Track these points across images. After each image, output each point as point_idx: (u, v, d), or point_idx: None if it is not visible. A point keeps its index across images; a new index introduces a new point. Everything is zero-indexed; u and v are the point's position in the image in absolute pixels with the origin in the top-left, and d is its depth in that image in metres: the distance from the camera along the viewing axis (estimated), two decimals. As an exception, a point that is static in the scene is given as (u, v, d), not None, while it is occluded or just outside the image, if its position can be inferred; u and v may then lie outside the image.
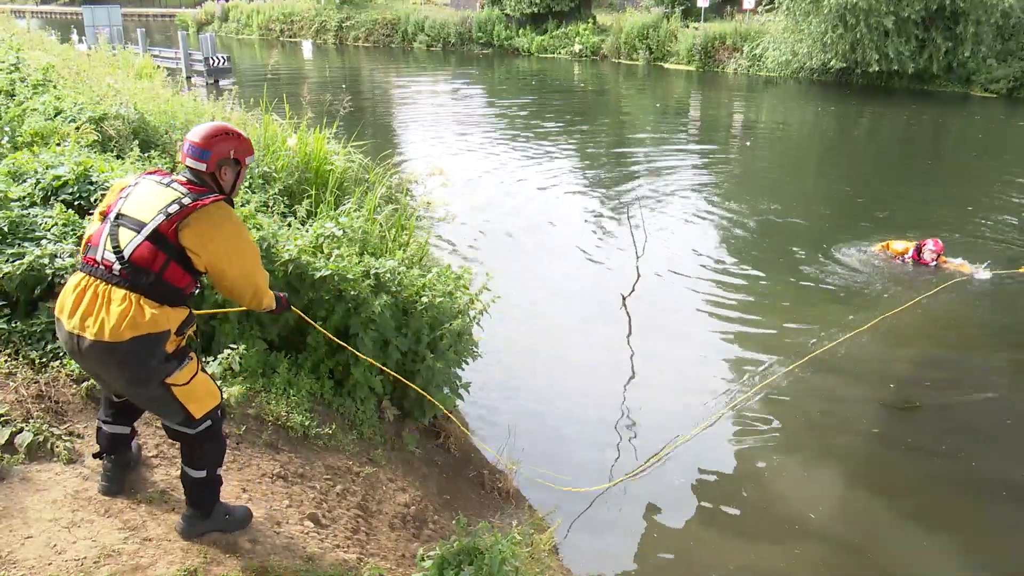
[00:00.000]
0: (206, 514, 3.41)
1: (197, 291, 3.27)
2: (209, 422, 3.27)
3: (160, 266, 2.98)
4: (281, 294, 3.69)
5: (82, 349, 2.98)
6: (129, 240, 3.00)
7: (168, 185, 3.10)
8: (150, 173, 3.22)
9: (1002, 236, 11.85)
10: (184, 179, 3.17)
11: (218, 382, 4.30)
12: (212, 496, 3.43)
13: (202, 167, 3.18)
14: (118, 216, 3.07)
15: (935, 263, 10.10)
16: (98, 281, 2.99)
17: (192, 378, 3.15)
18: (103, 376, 3.13)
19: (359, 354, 4.79)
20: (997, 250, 11.07)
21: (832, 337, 8.28)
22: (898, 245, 10.45)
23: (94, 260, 3.04)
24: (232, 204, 3.26)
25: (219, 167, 3.22)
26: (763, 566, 5.27)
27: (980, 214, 12.91)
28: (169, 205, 3.02)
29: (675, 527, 5.61)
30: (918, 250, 10.16)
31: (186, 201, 3.02)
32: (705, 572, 5.24)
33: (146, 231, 2.99)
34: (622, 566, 5.26)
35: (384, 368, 4.92)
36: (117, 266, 2.98)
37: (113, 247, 3.01)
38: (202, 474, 3.33)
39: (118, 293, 2.96)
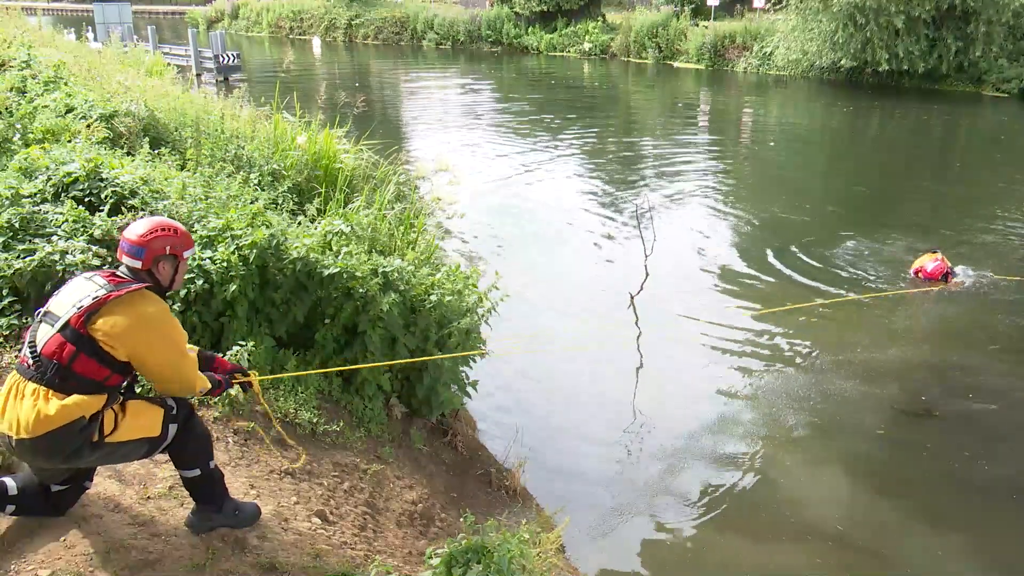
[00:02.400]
0: (216, 509, 3.42)
1: (125, 383, 3.16)
2: (174, 426, 3.22)
3: (68, 358, 2.95)
4: (220, 376, 3.54)
5: (13, 447, 2.99)
6: (45, 335, 3.00)
7: (90, 279, 3.10)
8: (87, 271, 3.20)
9: None
10: (109, 272, 3.15)
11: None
12: (217, 491, 3.42)
13: (137, 264, 3.15)
14: (44, 315, 3.08)
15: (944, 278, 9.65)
16: (19, 378, 3.00)
17: (116, 420, 3.07)
18: (42, 466, 3.12)
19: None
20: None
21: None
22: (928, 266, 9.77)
23: (22, 359, 3.05)
24: (165, 297, 3.23)
25: (155, 263, 3.19)
26: (773, 566, 5.25)
27: (1007, 216, 12.81)
28: (83, 298, 3.00)
29: (684, 527, 5.60)
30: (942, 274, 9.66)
31: (100, 293, 2.99)
32: (714, 572, 5.23)
33: (58, 324, 2.98)
34: (630, 566, 5.25)
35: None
36: (31, 360, 2.99)
37: (30, 343, 3.03)
38: (195, 472, 3.32)
39: (29, 388, 2.95)
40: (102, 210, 4.99)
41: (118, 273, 3.16)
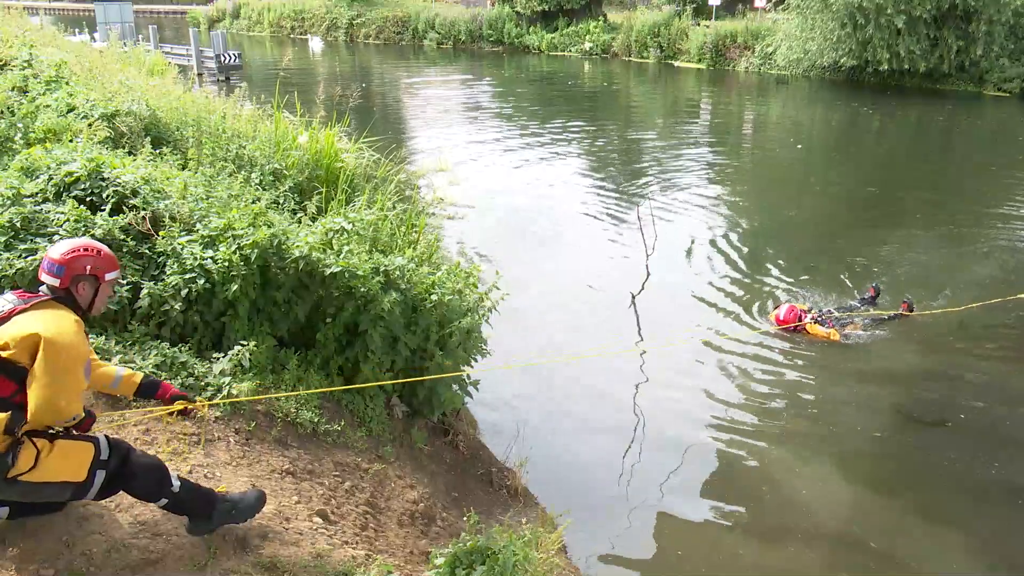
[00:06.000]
0: (206, 517, 3.37)
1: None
2: (102, 473, 3.09)
3: None
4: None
5: None
6: None
7: (2, 297, 3.11)
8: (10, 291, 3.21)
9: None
10: (22, 291, 3.15)
11: (227, 378, 4.33)
12: (198, 503, 3.35)
13: (56, 282, 3.13)
14: None
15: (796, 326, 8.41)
16: None
17: (36, 458, 2.95)
18: None
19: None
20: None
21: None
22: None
23: None
24: (87, 320, 3.19)
25: (75, 283, 3.16)
26: (777, 568, 5.25)
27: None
28: None
29: (686, 528, 5.60)
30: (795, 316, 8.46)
31: (6, 308, 3.01)
32: (716, 572, 5.23)
33: None
34: (631, 566, 5.25)
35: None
36: None
37: None
38: (163, 502, 3.25)
39: None
40: (104, 210, 4.98)
41: (40, 292, 3.15)
